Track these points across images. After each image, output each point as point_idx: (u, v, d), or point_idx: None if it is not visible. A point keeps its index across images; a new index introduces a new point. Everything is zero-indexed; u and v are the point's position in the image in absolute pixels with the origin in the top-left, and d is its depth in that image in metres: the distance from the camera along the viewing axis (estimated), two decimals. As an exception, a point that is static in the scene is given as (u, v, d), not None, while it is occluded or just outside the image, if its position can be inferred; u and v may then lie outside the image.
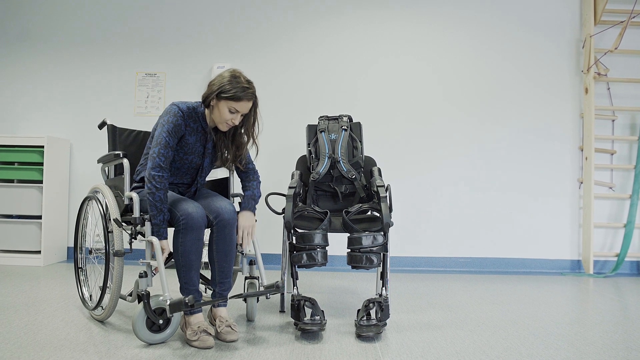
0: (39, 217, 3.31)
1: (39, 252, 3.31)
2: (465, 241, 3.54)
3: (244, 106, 1.85)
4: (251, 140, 1.98)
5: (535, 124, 3.57)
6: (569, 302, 2.58)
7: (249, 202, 2.02)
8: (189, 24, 3.64)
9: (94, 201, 2.07)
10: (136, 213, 1.80)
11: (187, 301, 1.61)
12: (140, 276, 1.73)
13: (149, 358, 1.59)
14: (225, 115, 1.84)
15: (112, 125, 2.10)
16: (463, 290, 2.80)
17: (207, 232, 1.91)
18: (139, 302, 1.70)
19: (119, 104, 3.63)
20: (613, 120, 3.56)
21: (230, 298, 1.89)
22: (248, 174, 2.08)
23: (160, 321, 1.72)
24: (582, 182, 3.53)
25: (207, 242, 1.93)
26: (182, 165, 1.96)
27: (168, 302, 1.66)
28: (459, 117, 3.56)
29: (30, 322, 1.95)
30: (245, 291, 2.04)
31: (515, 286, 2.94)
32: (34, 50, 3.69)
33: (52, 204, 3.38)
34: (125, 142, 2.16)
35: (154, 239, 1.75)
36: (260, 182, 2.11)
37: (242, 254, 2.01)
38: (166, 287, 1.70)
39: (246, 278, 2.07)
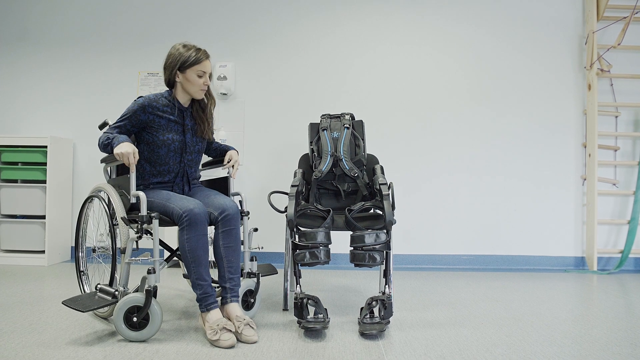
0: (43, 217, 3.33)
1: (43, 252, 3.33)
2: (469, 238, 3.53)
3: (208, 66, 2.03)
4: (211, 99, 2.12)
5: (538, 120, 3.55)
6: (573, 299, 2.57)
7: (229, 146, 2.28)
8: (191, 23, 3.64)
9: (95, 200, 2.08)
10: (143, 211, 1.81)
11: None
12: (149, 272, 1.74)
13: (153, 356, 1.59)
14: (196, 82, 1.99)
15: None
16: (466, 287, 2.80)
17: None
18: (147, 298, 1.72)
19: (121, 103, 3.63)
20: (616, 117, 3.54)
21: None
22: (212, 144, 2.29)
23: (134, 319, 1.73)
24: (585, 179, 3.52)
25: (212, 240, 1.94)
26: (169, 149, 1.99)
27: None
28: (462, 114, 3.55)
29: (34, 322, 1.96)
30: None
31: (518, 283, 2.94)
32: (35, 50, 3.70)
33: (55, 203, 3.39)
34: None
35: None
36: None
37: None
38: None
39: (248, 275, 2.09)
